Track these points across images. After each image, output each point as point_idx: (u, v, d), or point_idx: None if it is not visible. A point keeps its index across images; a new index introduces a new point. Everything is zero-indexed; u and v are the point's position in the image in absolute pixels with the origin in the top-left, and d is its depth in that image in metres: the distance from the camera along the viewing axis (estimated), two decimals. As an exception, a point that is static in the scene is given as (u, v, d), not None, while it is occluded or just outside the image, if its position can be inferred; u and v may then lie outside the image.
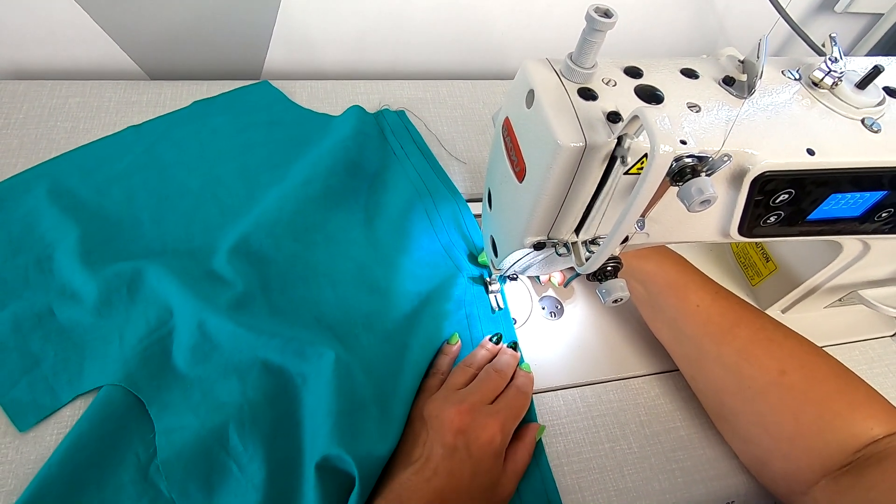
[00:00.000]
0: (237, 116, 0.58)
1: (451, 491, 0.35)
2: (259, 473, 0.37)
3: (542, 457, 0.41)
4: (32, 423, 0.38)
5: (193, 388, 0.40)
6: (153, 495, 0.37)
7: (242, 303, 0.44)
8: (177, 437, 0.38)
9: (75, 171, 0.51)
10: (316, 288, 0.47)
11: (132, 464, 0.37)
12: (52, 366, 0.40)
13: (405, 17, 0.64)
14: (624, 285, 0.34)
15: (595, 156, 0.29)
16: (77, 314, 0.43)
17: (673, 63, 0.34)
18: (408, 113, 0.61)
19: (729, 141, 0.30)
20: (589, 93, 0.30)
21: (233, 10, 0.60)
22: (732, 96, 0.33)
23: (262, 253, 0.47)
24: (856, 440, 0.36)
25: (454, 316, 0.47)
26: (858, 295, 0.49)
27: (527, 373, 0.44)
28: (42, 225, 0.47)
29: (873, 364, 0.51)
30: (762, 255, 0.53)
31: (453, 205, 0.54)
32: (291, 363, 0.41)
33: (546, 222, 0.33)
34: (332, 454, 0.36)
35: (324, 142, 0.56)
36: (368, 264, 0.50)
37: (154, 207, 0.50)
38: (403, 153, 0.58)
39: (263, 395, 0.40)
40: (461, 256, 0.51)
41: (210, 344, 0.42)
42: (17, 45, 0.59)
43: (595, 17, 0.27)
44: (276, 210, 0.50)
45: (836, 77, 0.34)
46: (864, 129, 0.33)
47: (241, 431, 0.39)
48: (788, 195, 0.33)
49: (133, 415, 0.39)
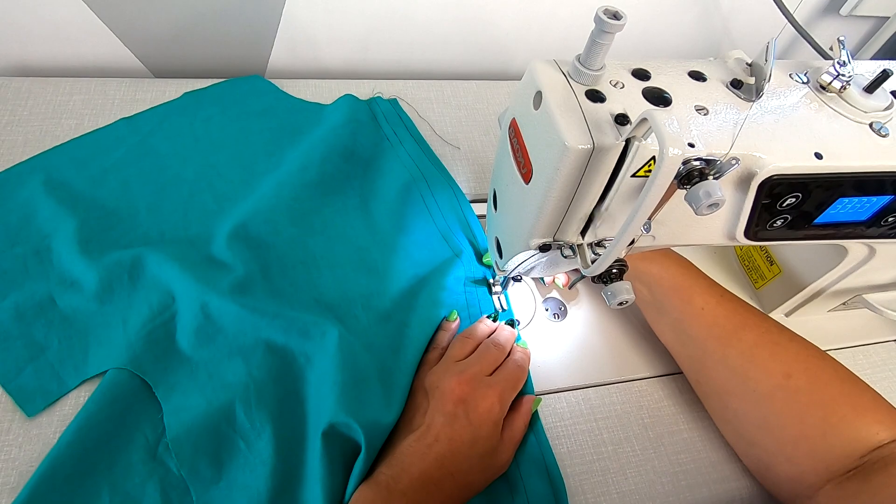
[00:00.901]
0: (229, 107, 0.58)
1: (452, 456, 0.36)
2: (267, 448, 0.38)
3: (539, 425, 0.43)
4: (40, 409, 0.39)
5: (199, 370, 0.41)
6: (162, 473, 0.37)
7: (244, 286, 0.44)
8: (185, 416, 0.39)
9: (69, 163, 0.51)
10: (315, 270, 0.48)
11: (140, 444, 0.38)
12: (56, 352, 0.41)
13: (410, 16, 0.64)
14: (629, 288, 0.34)
15: (603, 158, 0.29)
16: (78, 302, 0.43)
17: (680, 65, 0.34)
18: (399, 101, 0.62)
19: (737, 144, 0.30)
20: (597, 94, 0.30)
21: (237, 9, 0.60)
22: (740, 99, 0.33)
23: (261, 238, 0.48)
24: (861, 444, 0.36)
25: (453, 294, 0.48)
26: (863, 299, 0.49)
27: (524, 349, 0.45)
28: (39, 216, 0.47)
29: (877, 368, 0.51)
30: (766, 258, 0.53)
31: (447, 188, 0.55)
32: (295, 343, 0.42)
33: (552, 224, 0.33)
34: (338, 421, 0.37)
35: (317, 129, 0.57)
36: (366, 247, 0.50)
37: (150, 197, 0.50)
38: (397, 139, 0.58)
39: (268, 373, 0.41)
40: (457, 238, 0.52)
41: (214, 326, 0.42)
42: (23, 41, 0.59)
43: (604, 18, 0.27)
44: (274, 196, 0.51)
45: (844, 81, 0.33)
46: (873, 133, 0.33)
47: (247, 409, 0.40)
48: (795, 199, 0.33)
49: (139, 397, 0.40)
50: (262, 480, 0.37)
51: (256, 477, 0.37)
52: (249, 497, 0.37)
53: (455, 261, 0.50)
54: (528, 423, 0.42)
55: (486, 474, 0.38)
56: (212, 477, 0.37)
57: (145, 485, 0.37)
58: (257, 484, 0.37)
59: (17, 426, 0.38)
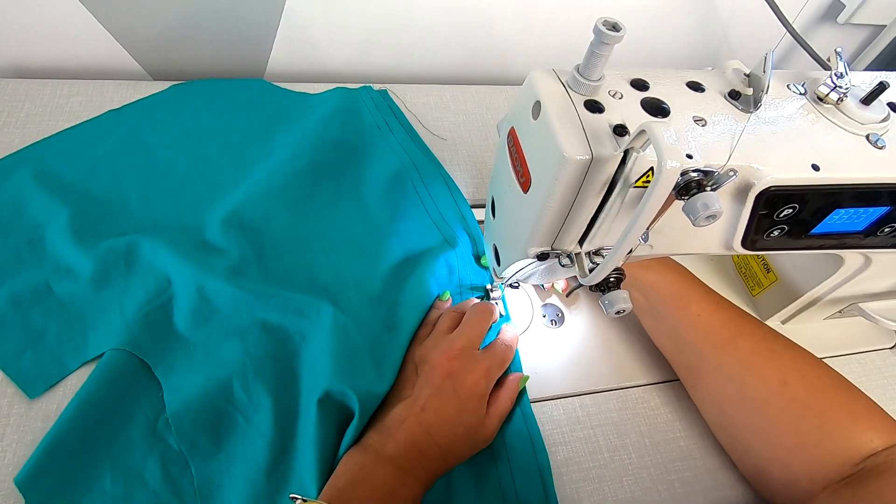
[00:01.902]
0: (216, 98, 0.59)
1: (438, 426, 0.38)
2: (264, 422, 0.39)
3: (525, 399, 0.44)
4: (42, 391, 0.39)
5: (196, 350, 0.42)
6: (162, 449, 0.38)
7: (239, 269, 0.45)
8: (184, 394, 0.40)
9: (58, 154, 0.52)
10: (308, 254, 0.49)
11: (140, 421, 0.39)
12: (55, 336, 0.41)
13: (409, 20, 0.64)
14: (627, 297, 0.34)
15: (601, 168, 0.29)
16: (75, 288, 0.44)
17: (679, 76, 0.34)
18: (389, 92, 0.63)
19: (734, 155, 0.30)
20: (595, 105, 0.30)
21: (237, 11, 0.59)
22: (738, 110, 0.33)
23: (255, 224, 0.49)
24: (856, 452, 0.36)
25: (444, 278, 0.49)
26: (858, 307, 0.49)
27: (513, 328, 0.46)
28: (31, 207, 0.47)
29: (872, 376, 0.51)
30: (763, 266, 0.53)
31: (438, 176, 0.56)
32: (290, 322, 0.43)
33: (550, 233, 0.33)
34: (334, 389, 0.38)
35: (307, 118, 0.58)
36: (357, 232, 0.51)
37: (141, 187, 0.51)
38: (387, 128, 0.59)
39: (264, 351, 0.42)
40: (448, 224, 0.52)
41: (210, 308, 0.43)
42: (20, 43, 0.59)
43: (603, 30, 0.27)
44: (266, 184, 0.52)
45: (841, 92, 0.34)
46: (869, 144, 0.33)
47: (244, 385, 0.41)
48: (793, 209, 0.33)
49: (138, 376, 0.40)
50: (260, 452, 0.38)
51: (255, 449, 0.38)
52: (247, 468, 0.38)
53: (446, 246, 0.51)
54: (515, 398, 0.43)
55: (471, 445, 0.40)
56: (211, 451, 0.38)
57: (146, 459, 0.38)
58: (255, 456, 0.38)
59: (18, 404, 0.39)
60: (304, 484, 0.37)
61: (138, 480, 0.37)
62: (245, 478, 0.37)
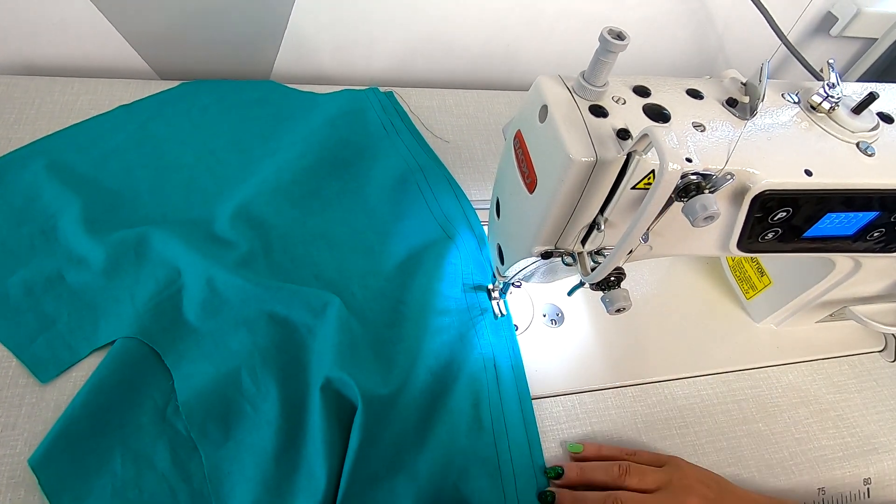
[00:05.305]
0: (225, 95, 0.60)
1: None
2: (272, 410, 0.40)
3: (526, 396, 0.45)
4: (53, 376, 0.40)
5: (206, 339, 0.43)
6: (171, 434, 0.39)
7: (247, 261, 0.46)
8: (194, 382, 0.41)
9: (70, 147, 0.53)
10: (315, 249, 0.50)
11: (150, 407, 0.40)
12: (67, 324, 0.42)
13: (414, 25, 0.66)
14: (627, 295, 0.35)
15: (604, 170, 0.30)
16: (87, 277, 0.44)
17: (679, 83, 0.35)
18: (395, 94, 0.64)
19: (731, 160, 0.31)
20: (600, 110, 0.32)
21: (243, 13, 0.61)
22: (735, 117, 0.34)
23: (263, 218, 0.50)
24: None
25: (448, 277, 0.50)
26: (849, 311, 0.50)
27: None
28: (44, 197, 0.48)
29: (862, 378, 0.53)
30: (757, 269, 0.55)
31: (442, 178, 0.57)
32: (297, 314, 0.44)
33: (554, 233, 0.34)
34: (333, 376, 0.39)
35: (314, 117, 0.59)
36: (362, 229, 0.53)
37: (152, 180, 0.52)
38: (393, 129, 0.61)
39: (272, 342, 0.43)
40: (452, 224, 0.53)
41: (219, 299, 0.44)
42: (30, 41, 0.59)
43: (609, 39, 0.28)
44: (274, 180, 0.53)
45: (833, 102, 0.35)
46: (859, 152, 0.35)
47: (252, 375, 0.41)
48: (786, 213, 0.34)
49: (148, 364, 0.41)
50: (268, 440, 0.39)
51: (262, 437, 0.39)
52: (256, 455, 0.39)
53: (450, 245, 0.52)
54: None
55: None
56: (221, 439, 0.39)
57: (155, 444, 0.38)
58: (263, 444, 0.39)
59: (30, 394, 0.40)
60: (313, 471, 0.37)
61: (147, 464, 0.37)
62: (254, 465, 0.38)
